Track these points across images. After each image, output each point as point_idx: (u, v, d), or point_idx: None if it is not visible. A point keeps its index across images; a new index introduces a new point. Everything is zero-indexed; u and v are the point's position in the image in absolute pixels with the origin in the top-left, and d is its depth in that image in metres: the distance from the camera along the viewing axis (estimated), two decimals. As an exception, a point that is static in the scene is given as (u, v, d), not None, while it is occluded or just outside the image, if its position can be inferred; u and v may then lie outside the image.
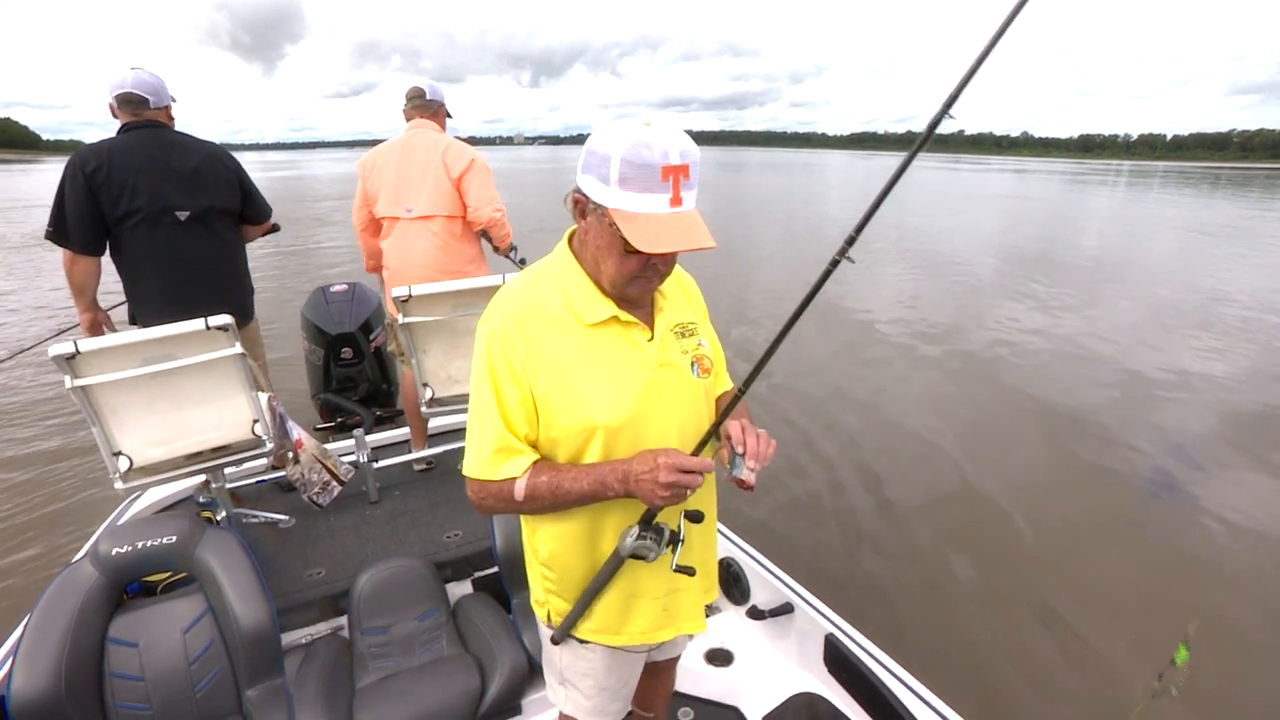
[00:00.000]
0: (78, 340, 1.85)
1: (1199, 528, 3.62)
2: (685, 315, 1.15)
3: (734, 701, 1.88)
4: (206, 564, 1.78)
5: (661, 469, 0.95)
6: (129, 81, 2.34)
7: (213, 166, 2.46)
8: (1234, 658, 2.63)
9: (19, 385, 5.63)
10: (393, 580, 2.04)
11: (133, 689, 1.63)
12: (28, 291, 9.46)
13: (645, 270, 0.99)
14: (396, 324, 2.39)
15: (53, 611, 1.61)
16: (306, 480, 2.40)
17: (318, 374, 3.93)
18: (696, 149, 0.92)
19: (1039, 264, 11.60)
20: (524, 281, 1.10)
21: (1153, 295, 9.37)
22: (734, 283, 9.68)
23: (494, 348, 1.03)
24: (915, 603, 3.02)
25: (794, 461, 4.28)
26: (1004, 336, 7.18)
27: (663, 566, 1.08)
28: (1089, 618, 2.88)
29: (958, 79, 0.95)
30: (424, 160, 2.71)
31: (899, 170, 0.98)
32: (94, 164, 2.22)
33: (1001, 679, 2.56)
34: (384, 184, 2.74)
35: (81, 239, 2.26)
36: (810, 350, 6.56)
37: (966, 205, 25.15)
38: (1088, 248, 14.37)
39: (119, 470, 2.00)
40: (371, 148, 2.86)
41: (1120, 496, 4.00)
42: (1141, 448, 4.57)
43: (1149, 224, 19.58)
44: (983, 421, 5.07)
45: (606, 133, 0.92)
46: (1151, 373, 6.07)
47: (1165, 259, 13.26)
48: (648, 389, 1.05)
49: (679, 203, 0.91)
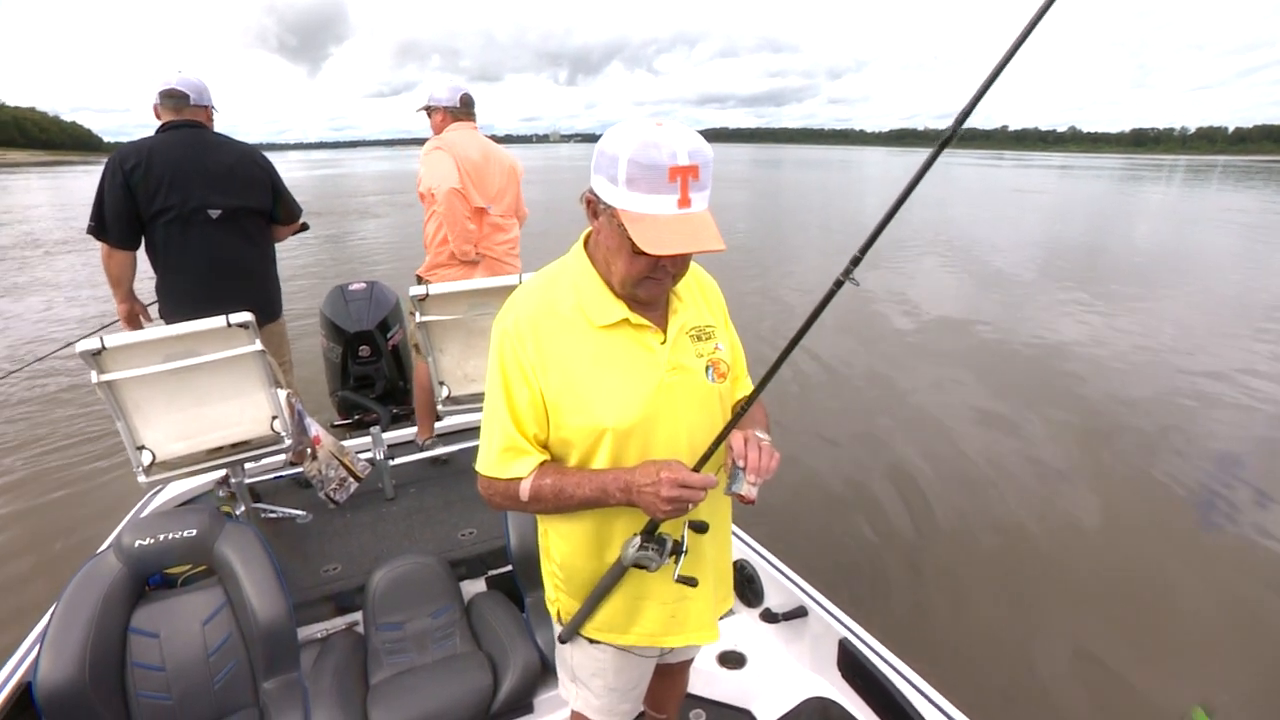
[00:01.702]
0: (104, 336, 1.89)
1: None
2: (702, 318, 1.13)
3: (746, 704, 1.86)
4: (225, 558, 1.81)
5: (664, 484, 0.95)
6: (175, 80, 2.44)
7: (246, 167, 2.52)
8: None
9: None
10: (407, 577, 2.05)
11: (154, 678, 1.66)
12: (100, 285, 9.66)
13: (655, 271, 0.98)
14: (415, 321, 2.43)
15: (78, 601, 1.64)
16: (324, 476, 2.42)
17: (335, 371, 3.97)
18: (709, 150, 0.90)
19: (1088, 267, 11.09)
20: (539, 282, 1.10)
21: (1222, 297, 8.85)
22: (763, 279, 9.46)
23: (506, 348, 1.04)
24: (943, 612, 2.94)
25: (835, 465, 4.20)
26: (1042, 339, 6.93)
27: (668, 574, 1.08)
28: (1128, 654, 2.69)
29: (983, 80, 0.90)
30: (500, 166, 2.90)
31: (908, 188, 0.94)
32: (133, 161, 2.28)
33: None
34: (469, 179, 2.81)
35: (118, 233, 2.33)
36: (843, 348, 6.38)
37: (1001, 203, 24.50)
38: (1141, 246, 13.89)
39: (142, 464, 2.04)
40: (421, 144, 2.95)
41: (1175, 519, 3.74)
42: (1199, 465, 4.27)
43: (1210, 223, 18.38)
44: (1027, 421, 4.91)
45: (616, 133, 0.91)
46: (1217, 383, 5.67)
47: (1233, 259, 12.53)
48: (658, 392, 1.04)
49: (687, 204, 0.90)
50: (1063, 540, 3.52)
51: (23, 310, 8.48)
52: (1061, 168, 67.32)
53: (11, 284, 10.06)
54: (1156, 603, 3.06)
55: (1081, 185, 36.35)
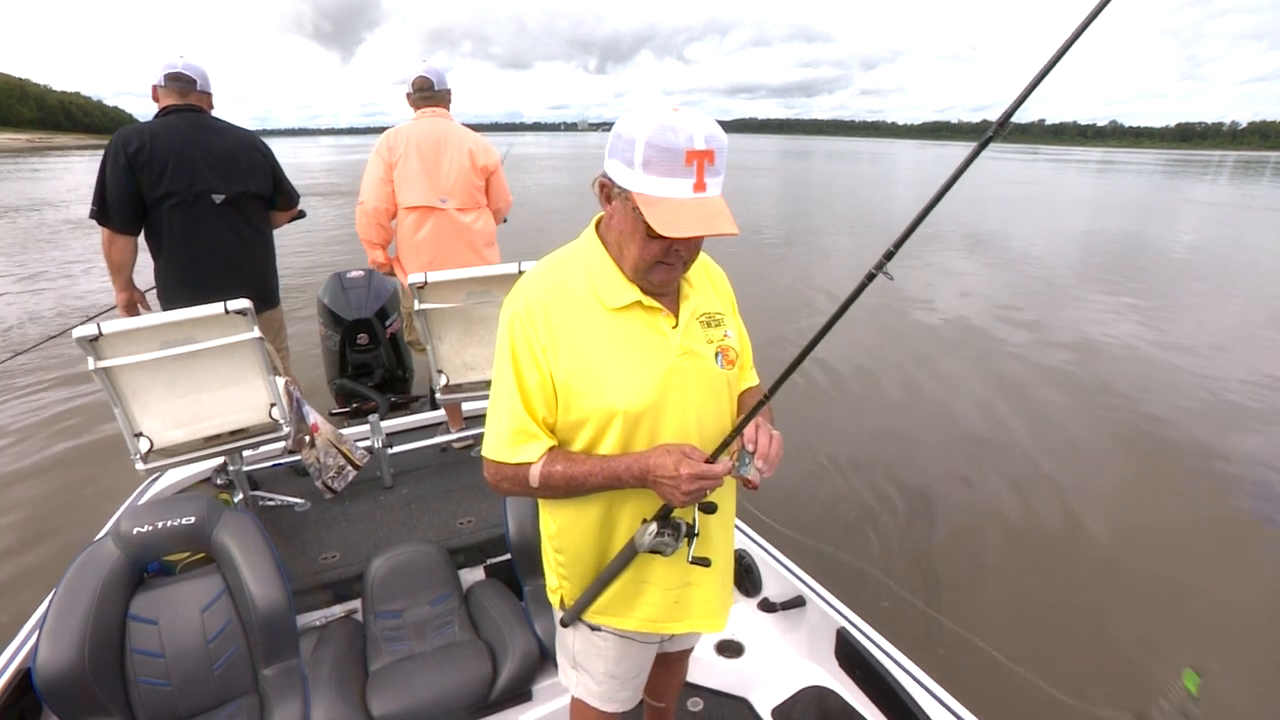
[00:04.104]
0: (101, 323, 1.88)
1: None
2: (712, 305, 1.14)
3: (744, 693, 1.88)
4: (224, 545, 1.81)
5: (684, 479, 0.95)
6: (180, 64, 2.41)
7: (248, 153, 2.51)
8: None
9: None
10: (406, 565, 2.05)
11: (153, 665, 1.66)
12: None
13: (668, 256, 0.98)
14: (413, 311, 2.41)
15: (76, 588, 1.64)
16: (322, 464, 2.42)
17: (334, 359, 3.96)
18: (724, 135, 0.91)
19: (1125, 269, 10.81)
20: (550, 264, 1.09)
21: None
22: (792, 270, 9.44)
23: (517, 330, 1.03)
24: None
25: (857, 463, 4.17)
26: (1075, 341, 6.78)
27: (678, 558, 1.08)
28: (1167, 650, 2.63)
29: (1030, 79, 0.86)
30: (454, 153, 2.79)
31: (945, 185, 0.92)
32: (136, 144, 2.26)
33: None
34: (410, 173, 2.75)
35: (121, 218, 2.30)
36: (869, 340, 6.35)
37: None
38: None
39: (140, 451, 2.04)
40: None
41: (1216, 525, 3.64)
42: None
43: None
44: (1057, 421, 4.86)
45: (633, 116, 0.91)
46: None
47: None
48: (669, 376, 1.04)
49: (702, 188, 0.90)
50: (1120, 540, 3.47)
51: (98, 287, 8.41)
52: (1102, 163, 66.08)
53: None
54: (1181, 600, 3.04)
55: (1121, 181, 35.66)
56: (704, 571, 1.14)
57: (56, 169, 38.09)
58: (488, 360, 2.52)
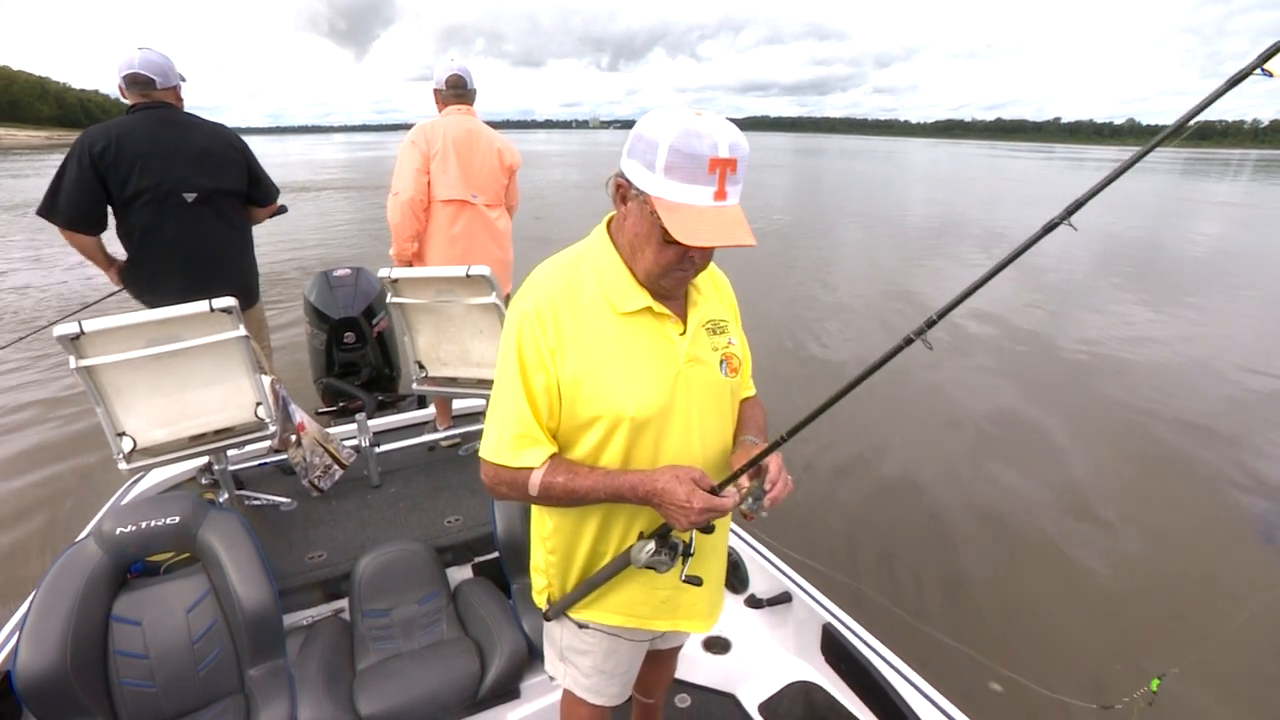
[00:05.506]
0: (82, 321, 1.85)
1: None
2: (718, 312, 1.13)
3: (731, 689, 1.89)
4: (209, 545, 1.79)
5: (695, 512, 0.96)
6: (136, 62, 2.31)
7: (221, 148, 2.44)
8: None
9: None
10: (393, 564, 2.05)
11: (137, 666, 1.65)
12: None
13: (682, 262, 0.97)
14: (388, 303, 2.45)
15: (57, 589, 1.62)
16: (308, 463, 2.41)
17: (320, 358, 3.93)
18: (746, 144, 0.90)
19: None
20: (561, 263, 1.07)
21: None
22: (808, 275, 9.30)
23: (525, 331, 1.01)
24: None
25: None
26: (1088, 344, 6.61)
27: (675, 574, 1.09)
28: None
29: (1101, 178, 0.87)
30: (485, 151, 2.85)
31: (1004, 261, 0.91)
32: (101, 144, 2.20)
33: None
34: (448, 167, 2.76)
35: (68, 215, 2.24)
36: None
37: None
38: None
39: (122, 451, 2.01)
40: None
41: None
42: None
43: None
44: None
45: (657, 118, 0.89)
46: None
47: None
48: (676, 383, 1.04)
49: (723, 197, 0.89)
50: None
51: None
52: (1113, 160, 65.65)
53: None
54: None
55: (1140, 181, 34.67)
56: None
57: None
58: (459, 357, 2.56)
